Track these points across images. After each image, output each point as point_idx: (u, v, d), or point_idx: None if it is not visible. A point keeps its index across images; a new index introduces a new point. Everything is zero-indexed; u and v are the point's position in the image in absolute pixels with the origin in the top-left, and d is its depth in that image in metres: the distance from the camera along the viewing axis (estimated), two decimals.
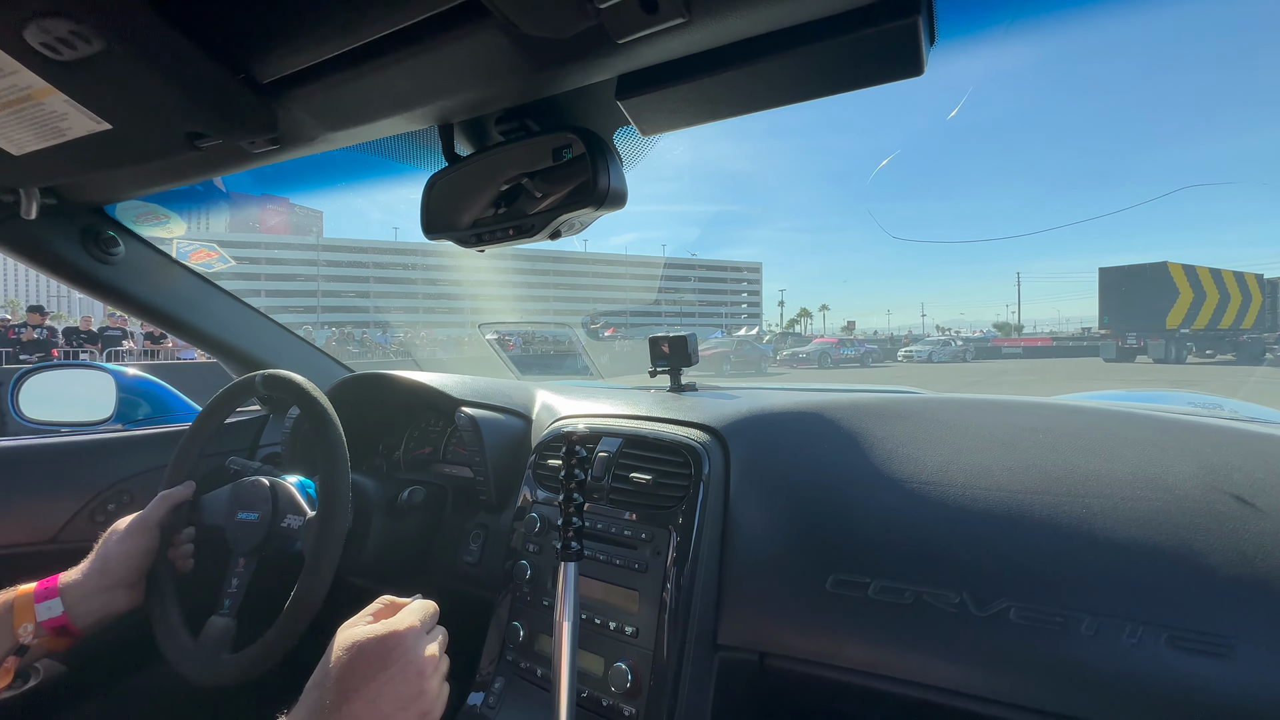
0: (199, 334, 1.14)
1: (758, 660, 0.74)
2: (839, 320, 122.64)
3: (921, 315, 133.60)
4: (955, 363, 30.42)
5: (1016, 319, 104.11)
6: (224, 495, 0.92)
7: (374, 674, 0.53)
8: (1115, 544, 0.62)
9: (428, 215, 0.78)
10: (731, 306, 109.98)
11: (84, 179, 0.77)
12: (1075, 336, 45.10)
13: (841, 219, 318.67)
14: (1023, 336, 58.92)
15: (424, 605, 0.62)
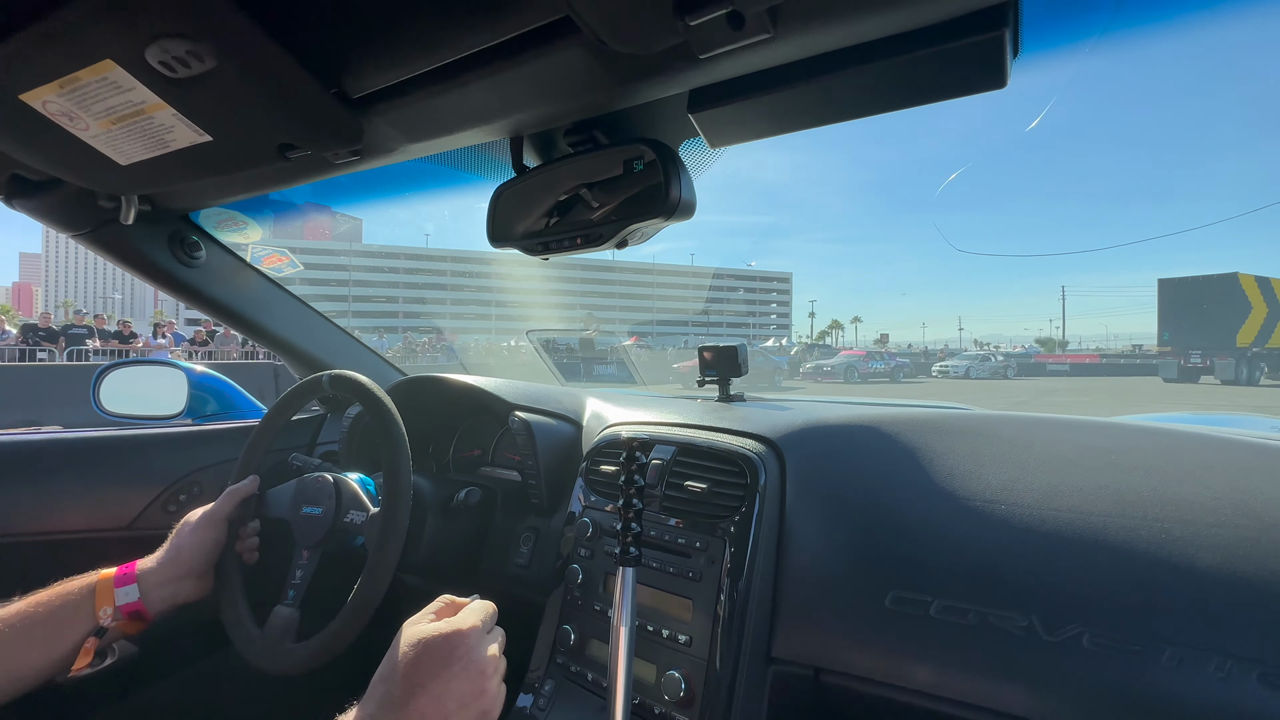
0: (267, 334, 1.20)
1: (813, 675, 0.73)
2: (871, 333, 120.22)
3: (959, 329, 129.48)
4: (995, 379, 28.71)
5: (1061, 334, 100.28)
6: (289, 490, 0.96)
7: (439, 671, 0.54)
8: (1198, 572, 0.59)
9: (494, 224, 0.80)
10: (760, 317, 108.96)
11: (179, 187, 0.82)
12: (1125, 354, 41.92)
13: (877, 230, 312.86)
14: (1068, 353, 56.43)
15: (484, 606, 0.64)
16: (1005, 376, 29.52)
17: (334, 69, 0.60)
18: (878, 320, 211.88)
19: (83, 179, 0.78)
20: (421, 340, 35.91)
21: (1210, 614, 0.57)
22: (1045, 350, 63.04)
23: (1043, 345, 78.86)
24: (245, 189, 0.86)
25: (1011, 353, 43.69)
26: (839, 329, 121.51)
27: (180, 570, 0.83)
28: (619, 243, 0.69)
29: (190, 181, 0.76)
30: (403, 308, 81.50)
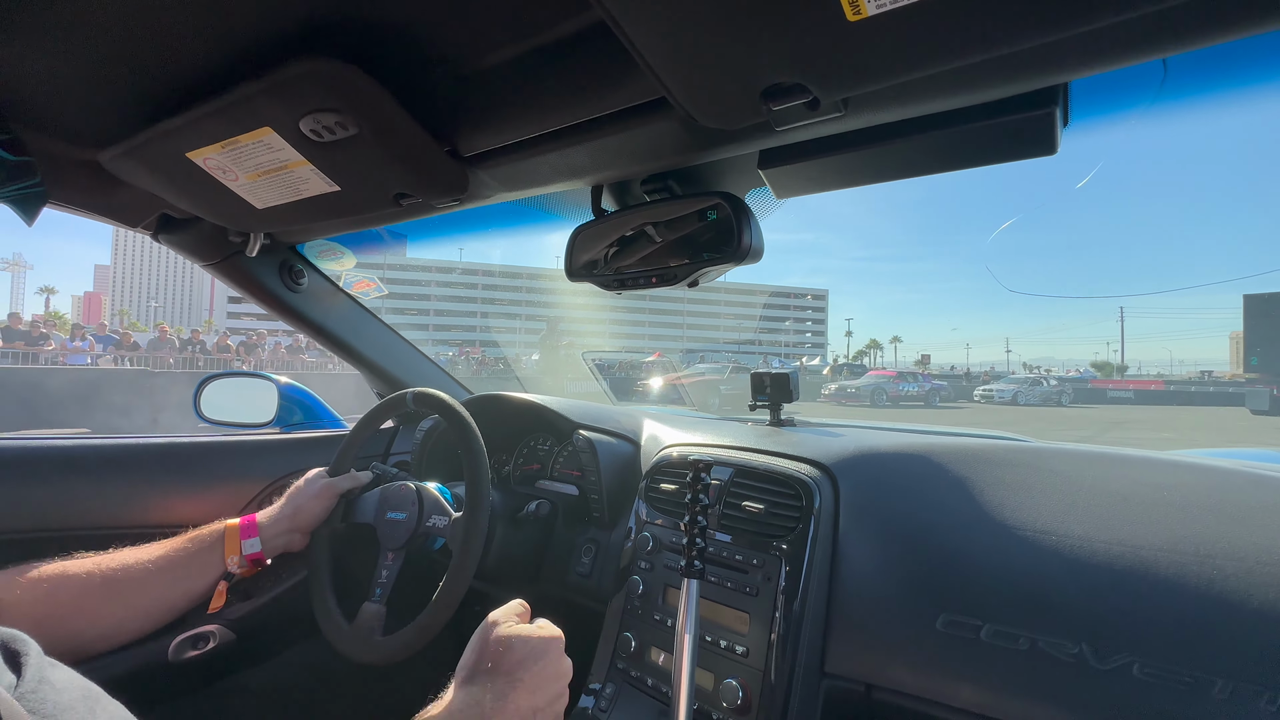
0: (356, 353, 1.32)
1: (864, 691, 0.77)
2: (912, 353, 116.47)
3: (1006, 351, 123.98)
4: (1048, 406, 25.44)
5: (1120, 358, 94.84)
6: (374, 497, 1.05)
7: (538, 669, 0.61)
8: (1249, 610, 0.61)
9: (572, 262, 0.89)
10: (795, 335, 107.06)
11: (299, 227, 0.93)
12: (1194, 380, 37.40)
13: (920, 248, 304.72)
14: (1128, 379, 52.87)
15: (556, 629, 0.69)
16: (1059, 403, 26.43)
17: (450, 131, 0.70)
18: (919, 341, 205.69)
19: (221, 219, 0.90)
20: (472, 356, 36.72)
21: (1261, 650, 0.59)
22: (1102, 375, 58.94)
23: (1099, 370, 74.21)
24: (355, 227, 0.97)
25: (1065, 377, 39.12)
26: (877, 349, 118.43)
27: (294, 525, 0.96)
28: (691, 282, 0.76)
29: (313, 223, 0.87)
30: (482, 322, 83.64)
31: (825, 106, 0.50)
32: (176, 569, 0.86)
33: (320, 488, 1.01)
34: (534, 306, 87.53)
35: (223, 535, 0.91)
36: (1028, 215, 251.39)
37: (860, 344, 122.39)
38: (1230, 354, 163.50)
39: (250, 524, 0.93)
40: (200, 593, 0.88)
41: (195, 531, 0.90)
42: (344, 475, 1.05)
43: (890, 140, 0.59)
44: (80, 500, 1.06)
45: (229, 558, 0.90)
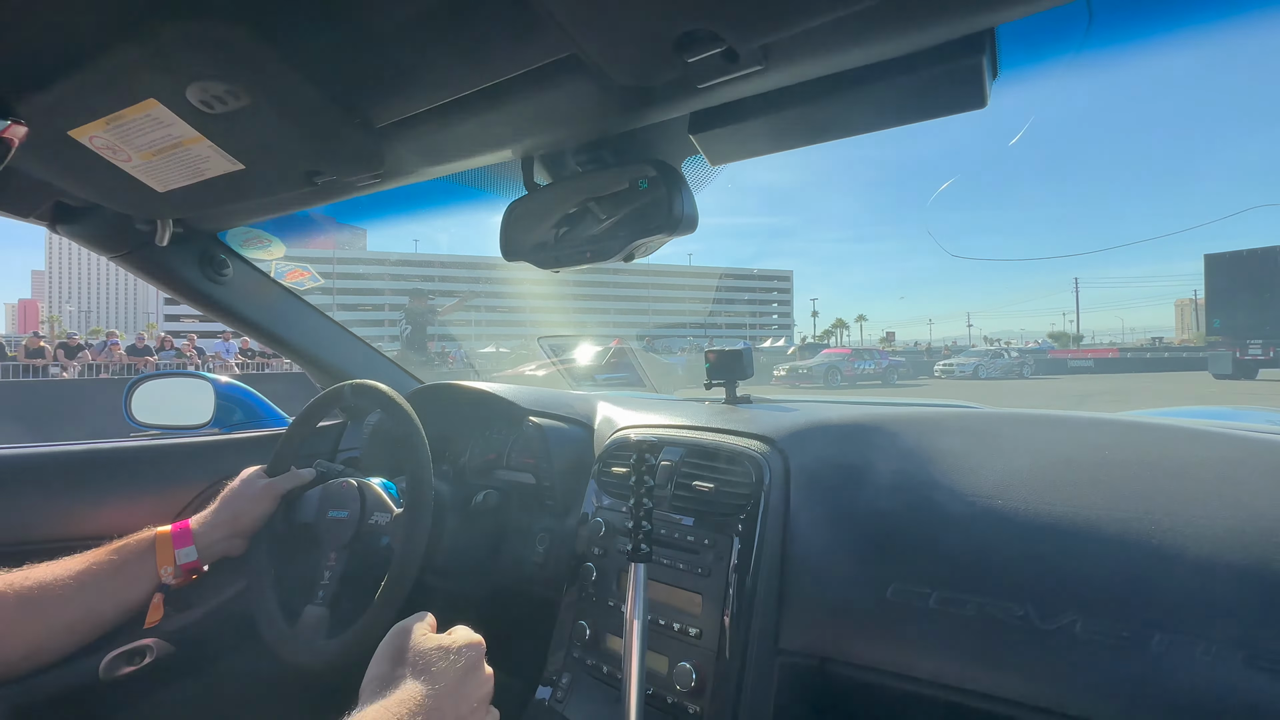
0: (291, 347, 1.25)
1: (819, 665, 0.76)
2: (878, 331, 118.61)
3: (968, 325, 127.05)
4: (1010, 379, 24.44)
5: (1076, 328, 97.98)
6: (315, 496, 1.01)
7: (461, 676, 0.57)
8: (1187, 562, 0.62)
9: (507, 240, 0.85)
10: (761, 317, 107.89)
11: (210, 211, 0.87)
12: (1147, 347, 38.38)
13: (882, 228, 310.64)
14: (1084, 348, 54.47)
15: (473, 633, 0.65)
16: (1021, 375, 25.50)
17: (358, 101, 0.65)
18: (885, 319, 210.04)
19: (122, 206, 0.83)
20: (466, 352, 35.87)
21: (1199, 601, 0.59)
22: (1059, 345, 60.42)
23: (1056, 340, 76.26)
24: (273, 211, 0.91)
25: (1026, 349, 38.00)
26: (843, 328, 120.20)
27: (233, 530, 0.91)
28: (626, 256, 0.72)
29: (223, 206, 0.81)
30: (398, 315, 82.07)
31: (744, 58, 0.47)
32: (102, 582, 0.81)
33: (259, 489, 0.96)
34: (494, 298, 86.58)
35: (153, 544, 0.86)
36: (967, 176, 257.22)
37: (826, 324, 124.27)
38: (1176, 320, 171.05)
39: (183, 531, 0.88)
40: (132, 605, 0.83)
41: (120, 542, 0.85)
42: (284, 475, 1.00)
43: (818, 99, 0.57)
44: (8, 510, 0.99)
45: (162, 568, 0.85)
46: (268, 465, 1.01)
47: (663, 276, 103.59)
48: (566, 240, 0.78)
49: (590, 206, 0.75)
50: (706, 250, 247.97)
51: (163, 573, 0.84)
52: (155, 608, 0.89)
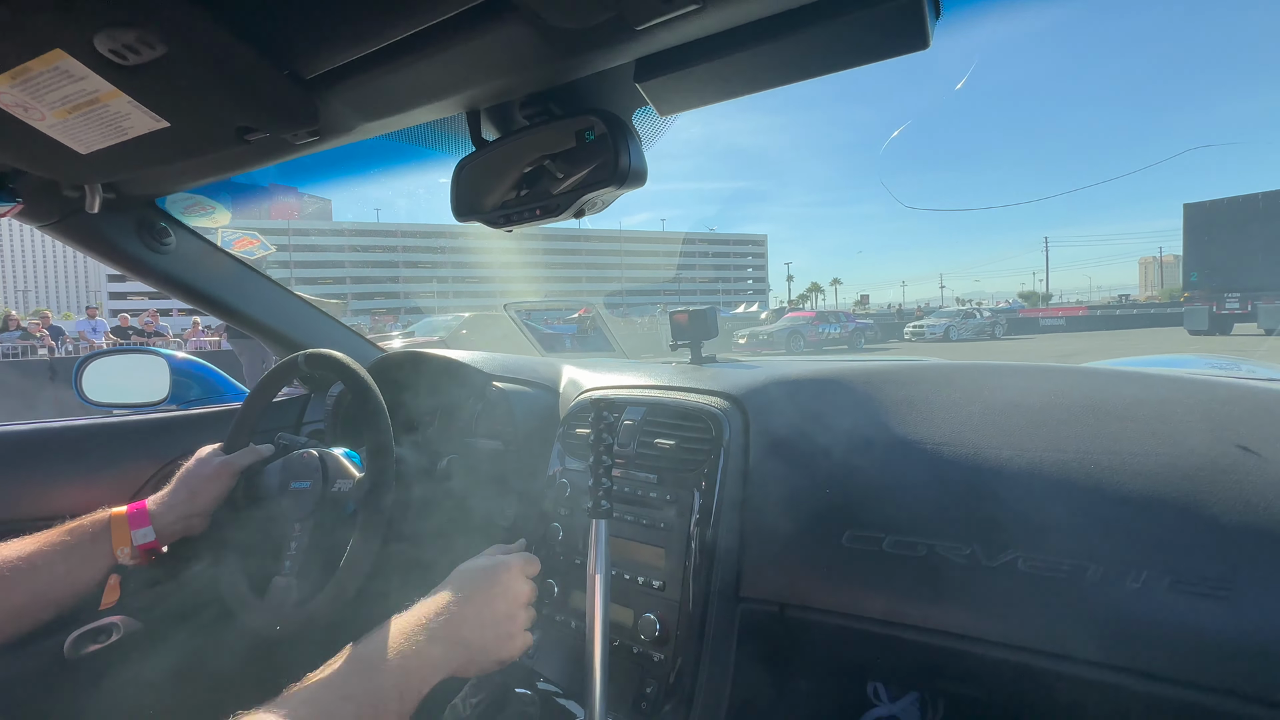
0: (244, 318, 1.21)
1: (778, 611, 0.78)
2: (852, 294, 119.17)
3: (940, 287, 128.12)
4: (983, 340, 23.69)
5: (1045, 287, 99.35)
6: (276, 469, 0.99)
7: (485, 587, 0.67)
8: (1122, 497, 0.64)
9: (457, 199, 0.82)
10: (735, 282, 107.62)
11: (141, 174, 0.83)
12: (1115, 304, 37.45)
13: (856, 191, 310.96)
14: (1053, 306, 55.05)
15: (528, 556, 0.76)
16: (994, 336, 24.69)
17: (285, 51, 0.61)
18: (860, 282, 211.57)
19: (43, 169, 0.79)
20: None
21: (1132, 534, 0.62)
22: (1029, 305, 60.76)
23: (1026, 300, 76.62)
24: (208, 173, 0.87)
25: (997, 309, 35.82)
26: (818, 292, 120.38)
27: (192, 510, 0.90)
28: (576, 212, 0.71)
29: (152, 168, 0.77)
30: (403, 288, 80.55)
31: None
32: (55, 564, 0.79)
33: (216, 467, 0.94)
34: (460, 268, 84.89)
35: (108, 525, 0.84)
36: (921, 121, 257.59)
37: (802, 288, 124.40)
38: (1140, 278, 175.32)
39: (140, 512, 0.86)
40: (84, 588, 0.82)
41: (74, 523, 0.83)
42: (242, 450, 0.98)
43: (760, 42, 0.55)
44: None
45: (118, 549, 0.83)
46: (224, 442, 0.99)
47: (634, 242, 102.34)
48: (517, 199, 0.76)
49: (538, 162, 0.73)
50: (681, 216, 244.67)
51: (119, 554, 0.83)
52: (111, 589, 0.87)
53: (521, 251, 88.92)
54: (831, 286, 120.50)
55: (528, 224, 0.76)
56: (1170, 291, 69.27)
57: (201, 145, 0.72)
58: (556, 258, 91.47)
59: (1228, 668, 0.55)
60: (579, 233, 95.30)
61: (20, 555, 0.76)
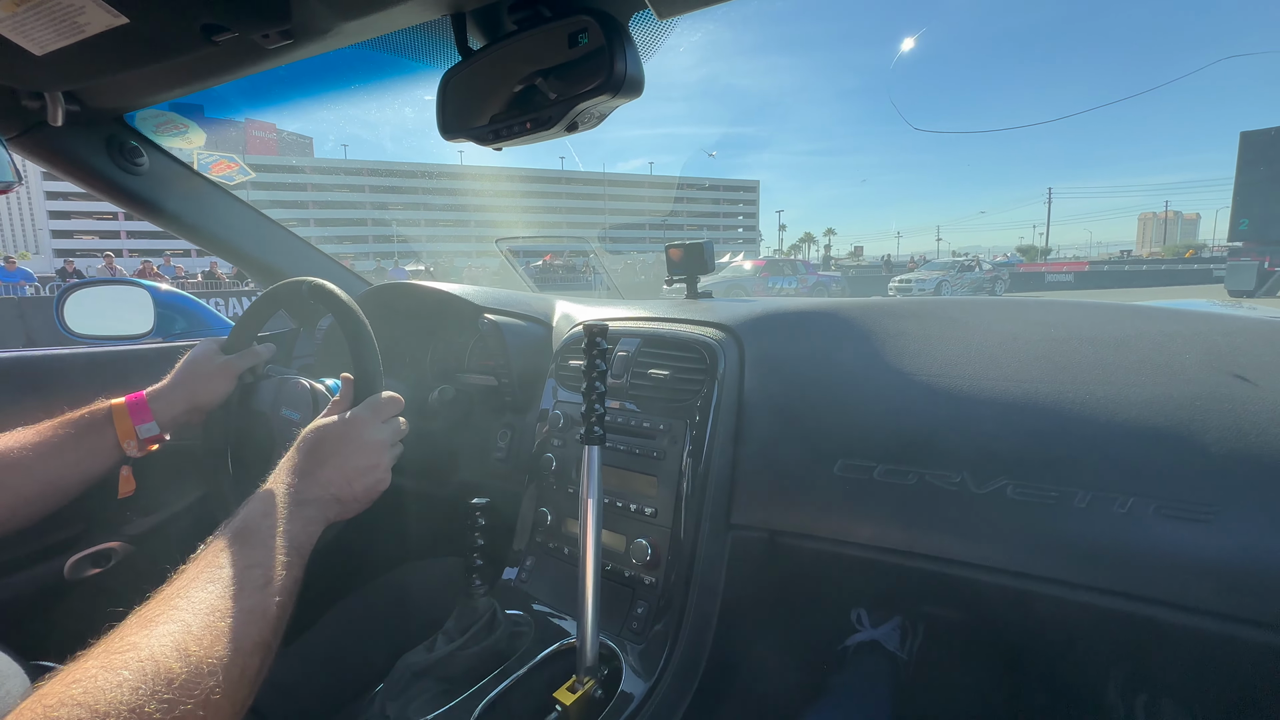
0: (224, 245, 1.17)
1: (768, 538, 0.80)
2: (847, 245, 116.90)
3: (937, 240, 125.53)
4: (980, 295, 19.21)
5: (1045, 241, 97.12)
6: (271, 389, 0.98)
7: (339, 448, 0.67)
8: (1114, 426, 0.64)
9: (444, 115, 0.78)
10: (725, 230, 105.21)
11: (105, 81, 0.77)
12: (1125, 260, 32.56)
13: (855, 140, 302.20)
14: (1052, 261, 53.61)
15: (382, 401, 0.76)
16: (993, 293, 21.18)
17: None
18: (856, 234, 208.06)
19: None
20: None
21: (1122, 462, 0.62)
22: (1027, 259, 58.79)
23: (1024, 254, 74.24)
24: (176, 83, 0.81)
25: (998, 262, 31.33)
26: (811, 242, 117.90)
27: (192, 406, 0.91)
28: (569, 125, 0.67)
29: (115, 74, 0.72)
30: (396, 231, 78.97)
31: None
32: (63, 453, 0.79)
33: (216, 367, 0.93)
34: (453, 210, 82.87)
35: (109, 415, 0.83)
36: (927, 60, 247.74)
37: (795, 237, 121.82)
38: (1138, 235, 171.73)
39: (140, 405, 0.85)
40: (94, 476, 0.82)
41: (74, 414, 0.82)
42: (243, 351, 0.96)
43: None
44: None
45: (125, 441, 0.83)
46: (225, 342, 0.97)
47: (622, 186, 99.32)
48: (506, 113, 0.72)
49: (530, 73, 0.69)
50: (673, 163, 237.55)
51: (125, 445, 0.83)
52: (126, 480, 0.90)
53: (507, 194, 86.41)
54: (825, 237, 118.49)
55: (518, 140, 0.72)
56: (1173, 249, 67.63)
57: (166, 47, 0.67)
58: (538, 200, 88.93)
59: (1208, 588, 0.56)
60: (562, 175, 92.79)
61: (28, 445, 0.76)
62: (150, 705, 0.38)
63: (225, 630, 0.46)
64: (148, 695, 0.38)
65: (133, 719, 0.37)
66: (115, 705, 0.37)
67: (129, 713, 0.37)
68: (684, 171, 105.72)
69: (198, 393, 0.91)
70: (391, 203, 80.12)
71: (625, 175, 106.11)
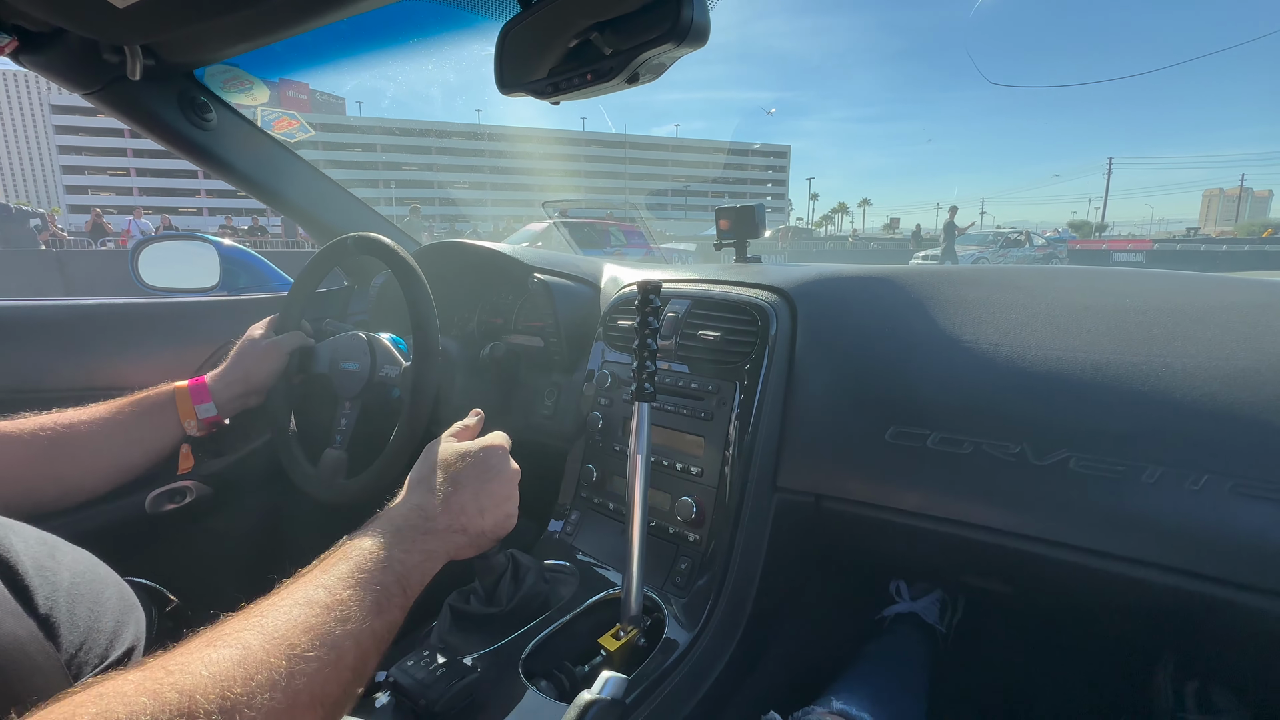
0: (286, 202, 1.21)
1: (814, 501, 0.80)
2: (881, 217, 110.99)
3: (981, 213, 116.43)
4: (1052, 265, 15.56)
5: (1101, 217, 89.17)
6: (327, 347, 1.02)
7: (478, 474, 0.62)
8: (1192, 401, 0.61)
9: (502, 69, 0.77)
10: (752, 199, 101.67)
11: (179, 34, 0.80)
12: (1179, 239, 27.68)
13: (901, 107, 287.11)
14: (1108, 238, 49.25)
15: (503, 435, 0.72)
16: None
17: None
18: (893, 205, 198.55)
19: (83, 27, 0.76)
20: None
21: (1197, 438, 0.59)
22: (1080, 236, 53.40)
23: (1077, 231, 65.04)
24: (247, 34, 0.83)
25: (1051, 238, 24.58)
26: (844, 212, 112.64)
27: (248, 388, 0.96)
28: (630, 76, 0.66)
29: (191, 25, 0.74)
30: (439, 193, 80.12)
31: None
32: (129, 431, 0.84)
33: (265, 348, 0.98)
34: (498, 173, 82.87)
35: (173, 398, 0.88)
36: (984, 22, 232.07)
37: (828, 207, 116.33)
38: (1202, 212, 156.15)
39: (200, 388, 0.91)
40: (158, 453, 0.87)
41: (140, 394, 0.87)
42: (290, 334, 1.01)
43: None
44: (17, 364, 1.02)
45: (185, 421, 0.88)
46: (275, 322, 1.02)
47: (644, 150, 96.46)
48: (563, 65, 0.71)
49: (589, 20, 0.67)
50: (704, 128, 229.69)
51: (186, 425, 0.88)
52: (185, 457, 0.96)
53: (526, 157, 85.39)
54: (860, 208, 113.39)
55: (576, 93, 0.71)
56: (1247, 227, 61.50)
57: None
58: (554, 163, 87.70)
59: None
60: (580, 136, 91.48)
61: (98, 419, 0.82)
62: None
63: (274, 674, 0.37)
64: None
65: None
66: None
67: None
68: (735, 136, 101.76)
69: (251, 374, 0.96)
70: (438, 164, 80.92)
71: (647, 138, 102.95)
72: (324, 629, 0.41)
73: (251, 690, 0.35)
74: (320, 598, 0.44)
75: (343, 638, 0.42)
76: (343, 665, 0.41)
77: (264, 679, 0.36)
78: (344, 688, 0.41)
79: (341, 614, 0.43)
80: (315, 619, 0.42)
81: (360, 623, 0.44)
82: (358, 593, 0.45)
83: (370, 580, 0.47)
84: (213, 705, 0.33)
